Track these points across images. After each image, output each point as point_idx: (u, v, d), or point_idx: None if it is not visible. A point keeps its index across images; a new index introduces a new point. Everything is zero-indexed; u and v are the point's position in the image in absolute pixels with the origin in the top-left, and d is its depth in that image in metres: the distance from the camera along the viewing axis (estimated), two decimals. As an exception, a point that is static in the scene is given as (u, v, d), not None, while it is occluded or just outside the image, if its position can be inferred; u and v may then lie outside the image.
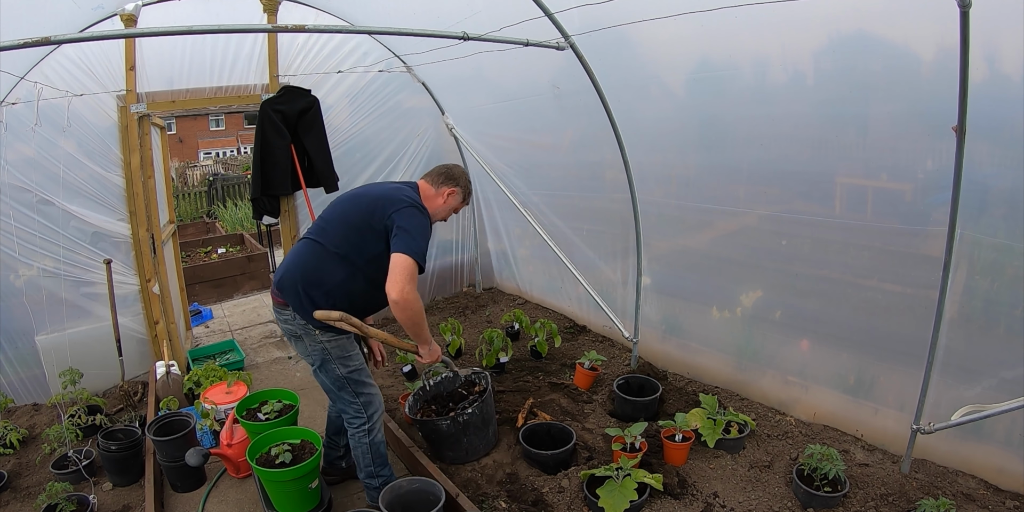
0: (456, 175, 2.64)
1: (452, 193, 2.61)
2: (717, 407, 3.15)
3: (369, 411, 2.58)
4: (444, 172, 2.64)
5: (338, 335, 2.47)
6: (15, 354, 3.82)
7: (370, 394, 2.58)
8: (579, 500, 2.69)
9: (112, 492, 3.01)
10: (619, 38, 2.98)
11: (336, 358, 2.49)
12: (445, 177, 2.62)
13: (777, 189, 3.03)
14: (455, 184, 2.62)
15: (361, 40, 4.53)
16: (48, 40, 1.79)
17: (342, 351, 2.50)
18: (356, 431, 2.59)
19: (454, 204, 2.65)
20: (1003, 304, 2.42)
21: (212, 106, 11.11)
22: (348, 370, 2.52)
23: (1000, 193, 2.31)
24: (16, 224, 3.64)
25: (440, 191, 2.61)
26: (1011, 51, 2.06)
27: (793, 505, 2.62)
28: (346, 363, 2.52)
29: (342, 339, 2.50)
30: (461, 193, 2.64)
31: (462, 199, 2.67)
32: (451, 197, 2.62)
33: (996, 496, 2.53)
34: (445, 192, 2.61)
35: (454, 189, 2.61)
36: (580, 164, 4.21)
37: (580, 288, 4.29)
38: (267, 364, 4.65)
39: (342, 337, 2.49)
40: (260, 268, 6.68)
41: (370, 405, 2.58)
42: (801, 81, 2.72)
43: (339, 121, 4.62)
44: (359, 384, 2.55)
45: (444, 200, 2.61)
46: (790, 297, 3.15)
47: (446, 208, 2.63)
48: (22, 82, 3.50)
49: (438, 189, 2.61)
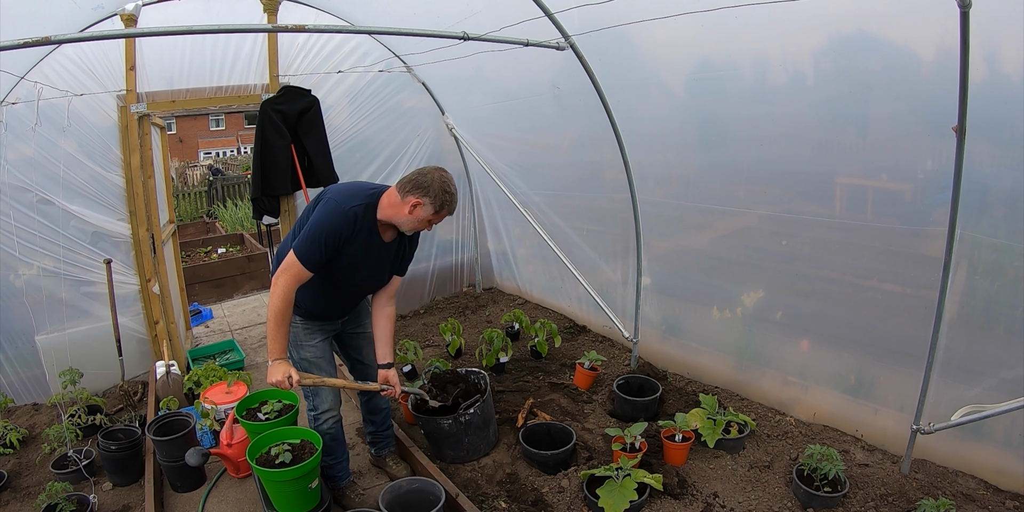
0: (426, 184, 2.25)
1: (418, 205, 2.26)
2: (717, 407, 3.15)
3: (315, 401, 2.64)
4: (414, 179, 2.28)
5: (294, 321, 2.48)
6: (15, 354, 3.82)
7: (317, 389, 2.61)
8: (579, 500, 2.69)
9: (112, 492, 3.01)
10: (619, 38, 2.98)
11: (291, 342, 2.51)
12: (413, 185, 2.26)
13: (777, 189, 3.03)
14: (422, 194, 2.25)
15: (361, 40, 4.53)
16: (48, 40, 1.79)
17: (296, 337, 2.55)
18: (307, 413, 2.71)
19: (423, 216, 2.29)
20: (1003, 304, 2.42)
21: (212, 106, 11.11)
22: (300, 357, 2.58)
23: (1000, 193, 2.31)
24: (16, 224, 3.64)
25: (405, 200, 2.27)
26: (1011, 51, 2.07)
27: (793, 505, 2.62)
28: (299, 351, 2.58)
29: (297, 327, 2.52)
30: (431, 205, 2.27)
31: (433, 211, 2.29)
32: (417, 209, 2.27)
33: (996, 496, 2.53)
34: (410, 202, 2.27)
35: (419, 200, 2.25)
36: (580, 164, 4.21)
37: (580, 288, 4.29)
38: (267, 364, 4.64)
39: (297, 326, 2.52)
40: (260, 268, 6.68)
41: (315, 396, 2.63)
42: (801, 81, 2.72)
43: (339, 121, 4.62)
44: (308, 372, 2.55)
45: (409, 211, 2.28)
46: (790, 297, 3.15)
47: (413, 219, 2.30)
48: (22, 82, 3.50)
49: (403, 198, 2.28)
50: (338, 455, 2.82)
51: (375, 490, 2.85)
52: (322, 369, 2.60)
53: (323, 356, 2.63)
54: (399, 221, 2.34)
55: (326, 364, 2.64)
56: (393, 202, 2.32)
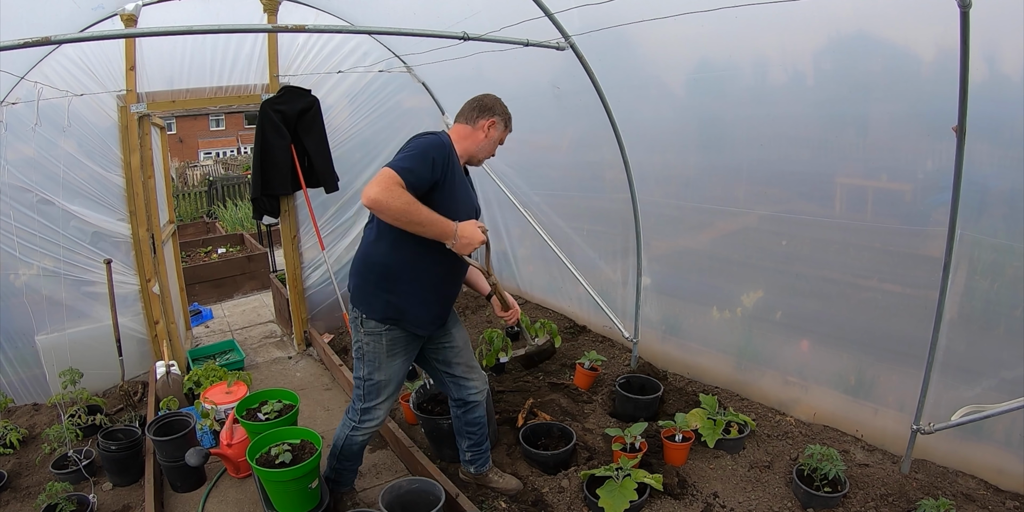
0: (489, 104, 2.38)
1: (492, 124, 2.38)
2: (717, 407, 3.15)
3: (363, 417, 2.48)
4: (476, 105, 2.38)
5: (376, 337, 2.33)
6: (15, 354, 3.82)
7: (375, 404, 2.45)
8: (579, 500, 2.69)
9: (112, 492, 3.01)
10: (619, 38, 2.98)
11: (367, 359, 2.37)
12: (480, 109, 2.36)
13: (777, 189, 3.03)
14: (491, 113, 2.37)
15: (361, 40, 4.53)
16: (48, 40, 1.79)
17: (375, 356, 2.36)
18: (346, 419, 2.55)
19: (497, 135, 2.41)
20: (1003, 304, 2.42)
21: (212, 106, 11.11)
22: (369, 376, 2.40)
23: (1000, 194, 2.31)
24: (16, 224, 3.64)
25: (478, 125, 2.37)
26: (1011, 51, 2.06)
27: (793, 505, 2.62)
28: (371, 371, 2.39)
29: (381, 342, 2.33)
30: (502, 120, 2.41)
31: (504, 126, 2.42)
32: (492, 128, 2.38)
33: (996, 496, 2.53)
34: (484, 125, 2.37)
35: (492, 120, 2.37)
36: (580, 164, 4.21)
37: (580, 288, 4.29)
38: (267, 364, 4.65)
39: (382, 341, 2.33)
40: (260, 268, 6.68)
41: (368, 414, 2.47)
42: (801, 81, 2.72)
43: (339, 121, 4.62)
44: (371, 391, 2.42)
45: (485, 134, 2.37)
46: (790, 297, 3.15)
47: (490, 142, 2.39)
48: (22, 82, 3.50)
49: (475, 124, 2.37)
50: (355, 462, 2.68)
51: (375, 490, 2.85)
52: (390, 391, 2.46)
53: (395, 381, 2.46)
54: (475, 149, 2.38)
55: (394, 390, 2.48)
56: (464, 134, 2.37)
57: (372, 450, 3.38)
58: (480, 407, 2.70)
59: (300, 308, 4.79)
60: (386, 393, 2.46)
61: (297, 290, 4.73)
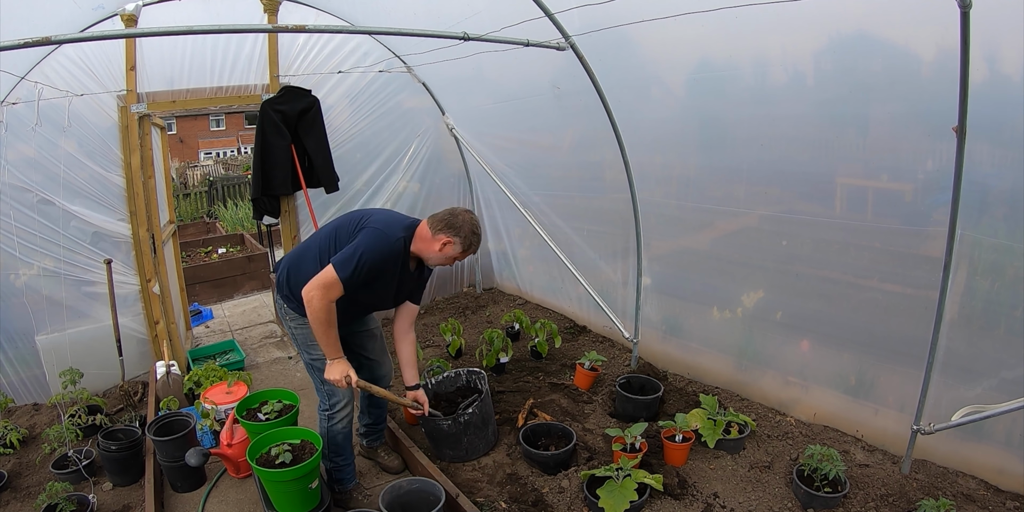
0: (458, 224, 2.43)
1: (448, 243, 2.43)
2: (717, 407, 3.15)
3: (331, 401, 2.66)
4: (445, 219, 2.44)
5: (305, 323, 2.50)
6: (15, 354, 3.82)
7: (331, 385, 2.59)
8: (579, 500, 2.69)
9: (112, 492, 3.01)
10: (619, 38, 2.98)
11: (302, 344, 2.62)
12: (445, 224, 2.43)
13: (777, 189, 3.03)
14: (453, 234, 2.42)
15: (361, 40, 4.53)
16: (48, 40, 1.79)
17: (307, 339, 2.57)
18: (319, 413, 2.74)
19: (451, 254, 2.47)
20: (1003, 305, 2.42)
21: (212, 106, 11.10)
22: (311, 358, 2.62)
23: (1000, 194, 2.31)
24: (16, 224, 3.64)
25: (436, 238, 2.44)
26: (1011, 52, 2.06)
27: (793, 505, 2.62)
28: (310, 351, 2.61)
29: (306, 329, 2.52)
30: (460, 245, 2.45)
31: (461, 250, 2.47)
32: (447, 247, 2.44)
33: (996, 497, 2.53)
34: (441, 240, 2.43)
35: (451, 240, 2.43)
36: (580, 164, 4.21)
37: (580, 288, 4.29)
38: (267, 364, 4.65)
39: (306, 328, 2.50)
40: (260, 268, 6.68)
41: (332, 395, 2.65)
42: (801, 81, 2.72)
43: (339, 121, 4.62)
44: (321, 373, 2.56)
45: (439, 248, 2.44)
46: (790, 297, 3.15)
47: (441, 256, 2.47)
48: (23, 82, 3.50)
49: (434, 235, 2.44)
50: (347, 456, 2.81)
51: (375, 490, 2.85)
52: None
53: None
54: (427, 256, 2.51)
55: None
56: (424, 237, 2.47)
57: (372, 450, 3.38)
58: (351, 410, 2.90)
59: (300, 308, 4.78)
60: None
61: (297, 290, 4.72)
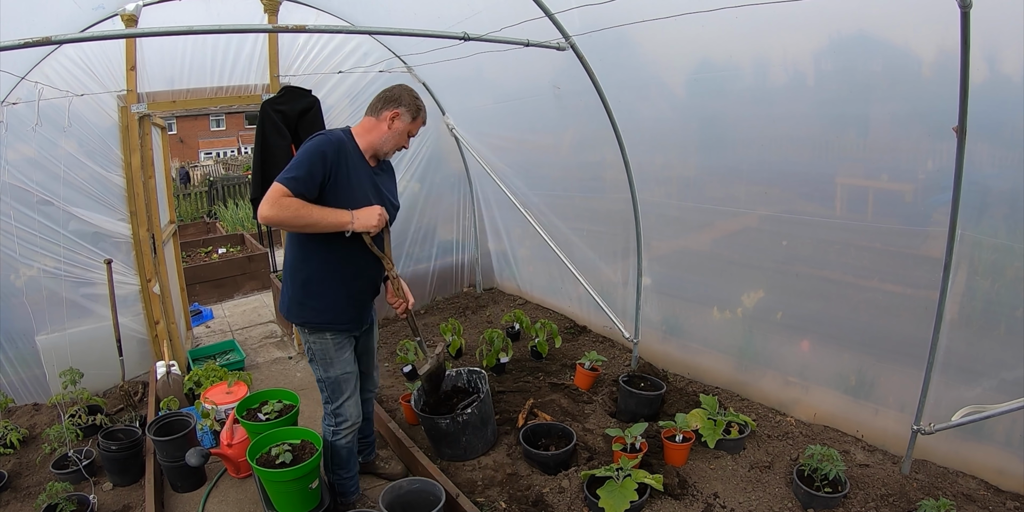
0: (396, 95, 2.37)
1: (395, 116, 2.36)
2: (717, 408, 3.15)
3: (337, 419, 2.57)
4: (383, 96, 2.38)
5: (325, 335, 2.43)
6: (15, 354, 3.82)
7: (341, 402, 2.54)
8: (579, 500, 2.69)
9: (112, 492, 3.01)
10: (619, 38, 2.98)
11: (319, 359, 2.49)
12: (384, 100, 2.37)
13: (778, 189, 3.03)
14: (396, 105, 2.36)
15: (362, 40, 4.53)
16: (49, 40, 1.79)
17: (324, 355, 2.47)
18: (324, 426, 2.64)
19: (402, 126, 2.37)
20: (1003, 305, 2.42)
21: (213, 106, 11.10)
22: (327, 375, 2.50)
23: (1000, 194, 2.31)
24: (17, 224, 3.64)
25: (381, 117, 2.36)
26: (1011, 52, 2.06)
27: (793, 506, 2.62)
28: (326, 368, 2.49)
29: (326, 343, 2.45)
30: (407, 113, 2.36)
31: (411, 119, 2.38)
32: (396, 121, 2.36)
33: (996, 497, 2.53)
34: (387, 116, 2.35)
35: (396, 111, 2.35)
36: (580, 164, 4.21)
37: (580, 288, 4.29)
38: (267, 364, 4.65)
39: (327, 337, 2.44)
40: (260, 268, 6.68)
41: (339, 415, 2.56)
42: (802, 82, 2.72)
43: (340, 121, 4.61)
44: (335, 389, 2.52)
45: (388, 126, 2.36)
46: (791, 298, 3.15)
47: (394, 134, 2.37)
48: (23, 82, 3.50)
49: (379, 116, 2.37)
50: (352, 468, 2.73)
51: (375, 490, 2.85)
52: (350, 384, 2.55)
53: (353, 372, 2.57)
54: (380, 141, 2.38)
55: (353, 385, 2.58)
56: (368, 126, 2.39)
57: (372, 450, 3.38)
58: (369, 403, 2.92)
59: (300, 308, 4.78)
60: (347, 389, 2.55)
61: (297, 290, 4.73)
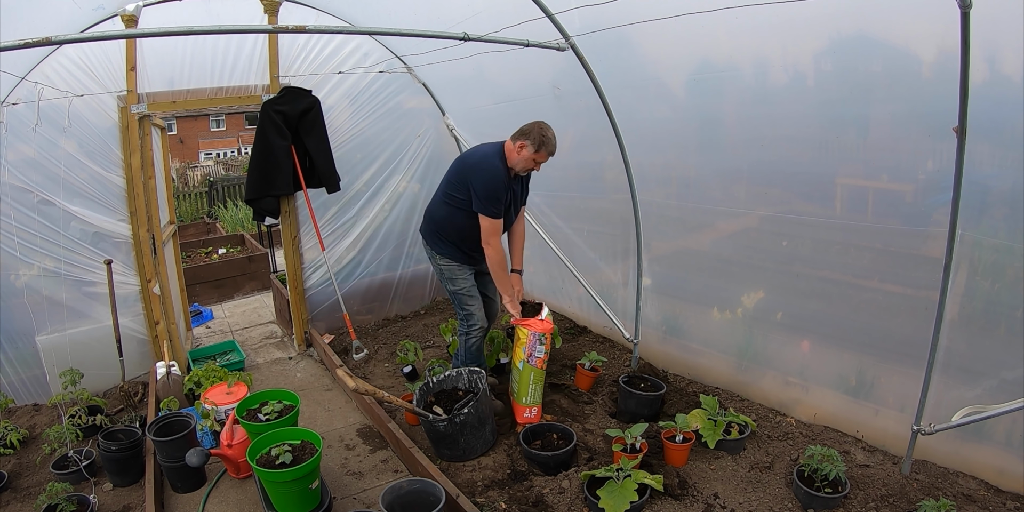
0: (527, 130, 3.07)
1: (523, 146, 3.06)
2: (718, 408, 3.15)
3: (469, 322, 3.38)
4: (520, 129, 3.11)
5: (451, 262, 3.34)
6: (15, 354, 3.82)
7: (469, 309, 3.36)
8: (579, 501, 2.69)
9: (112, 492, 3.01)
10: (620, 39, 2.98)
11: (447, 278, 3.38)
12: (519, 133, 3.10)
13: (778, 190, 3.03)
14: (524, 138, 3.06)
15: (362, 41, 4.53)
16: (49, 40, 1.80)
17: (451, 273, 3.35)
18: (460, 332, 3.47)
19: (528, 154, 3.07)
20: (1004, 305, 2.42)
21: (213, 107, 11.11)
22: (455, 288, 3.37)
23: (1001, 194, 2.31)
24: (17, 224, 3.64)
25: (515, 146, 3.09)
26: (1011, 52, 2.07)
27: (794, 506, 2.62)
28: (454, 283, 3.37)
29: (453, 265, 3.35)
30: (532, 144, 3.04)
31: (535, 149, 3.05)
32: (523, 150, 3.07)
33: (997, 497, 2.53)
34: (518, 146, 3.08)
35: (523, 143, 3.06)
36: (580, 165, 4.21)
37: (580, 289, 4.29)
38: (267, 365, 4.65)
39: (453, 264, 3.34)
40: (261, 269, 6.68)
41: (470, 317, 3.37)
42: (802, 82, 2.72)
43: (340, 122, 4.62)
44: (462, 300, 3.36)
45: (518, 152, 3.08)
46: (791, 298, 3.15)
47: (521, 159, 3.09)
48: (23, 82, 3.50)
49: (515, 143, 3.10)
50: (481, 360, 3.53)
51: (375, 490, 2.85)
52: (473, 296, 3.37)
53: (473, 285, 3.40)
54: (514, 164, 3.13)
55: (475, 291, 3.40)
56: (509, 148, 3.14)
57: (372, 450, 3.38)
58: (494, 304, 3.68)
59: (301, 309, 4.79)
60: (474, 296, 3.39)
61: (298, 291, 4.73)
